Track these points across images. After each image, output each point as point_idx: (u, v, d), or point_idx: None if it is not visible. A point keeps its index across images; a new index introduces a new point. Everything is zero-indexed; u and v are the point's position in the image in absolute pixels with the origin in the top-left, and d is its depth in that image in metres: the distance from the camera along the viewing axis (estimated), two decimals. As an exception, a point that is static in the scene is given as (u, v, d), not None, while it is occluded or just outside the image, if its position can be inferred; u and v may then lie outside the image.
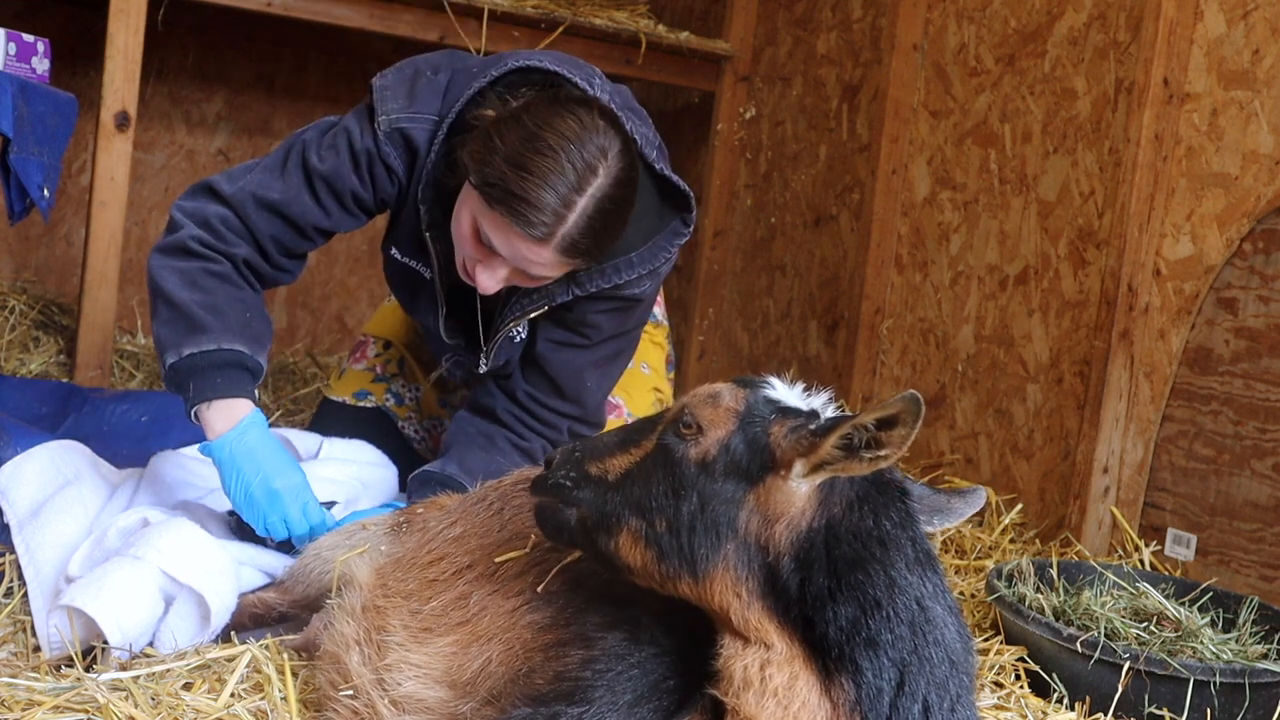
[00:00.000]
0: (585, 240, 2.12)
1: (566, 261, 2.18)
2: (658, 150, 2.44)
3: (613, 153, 2.11)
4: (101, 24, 3.53)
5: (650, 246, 2.41)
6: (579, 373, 2.53)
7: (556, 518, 1.58)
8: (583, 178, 2.08)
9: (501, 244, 2.15)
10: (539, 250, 2.12)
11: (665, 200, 2.45)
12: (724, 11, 4.61)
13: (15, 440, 2.57)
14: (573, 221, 2.09)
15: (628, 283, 2.42)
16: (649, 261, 2.41)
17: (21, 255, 4.42)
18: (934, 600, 1.43)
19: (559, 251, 2.13)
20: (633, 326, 2.56)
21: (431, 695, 1.65)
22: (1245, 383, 2.88)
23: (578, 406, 2.55)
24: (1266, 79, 2.87)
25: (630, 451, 1.56)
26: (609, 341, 2.54)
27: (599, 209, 2.11)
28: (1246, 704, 2.22)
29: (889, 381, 3.89)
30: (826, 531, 1.42)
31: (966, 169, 3.64)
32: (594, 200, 2.09)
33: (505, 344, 2.52)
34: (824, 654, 1.39)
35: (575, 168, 2.07)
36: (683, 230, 2.45)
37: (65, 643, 1.95)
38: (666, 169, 2.43)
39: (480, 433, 2.53)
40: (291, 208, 2.35)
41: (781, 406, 1.49)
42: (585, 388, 2.54)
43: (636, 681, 1.48)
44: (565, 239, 2.11)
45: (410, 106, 2.34)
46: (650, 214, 2.40)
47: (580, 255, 2.16)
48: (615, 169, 2.11)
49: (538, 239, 2.10)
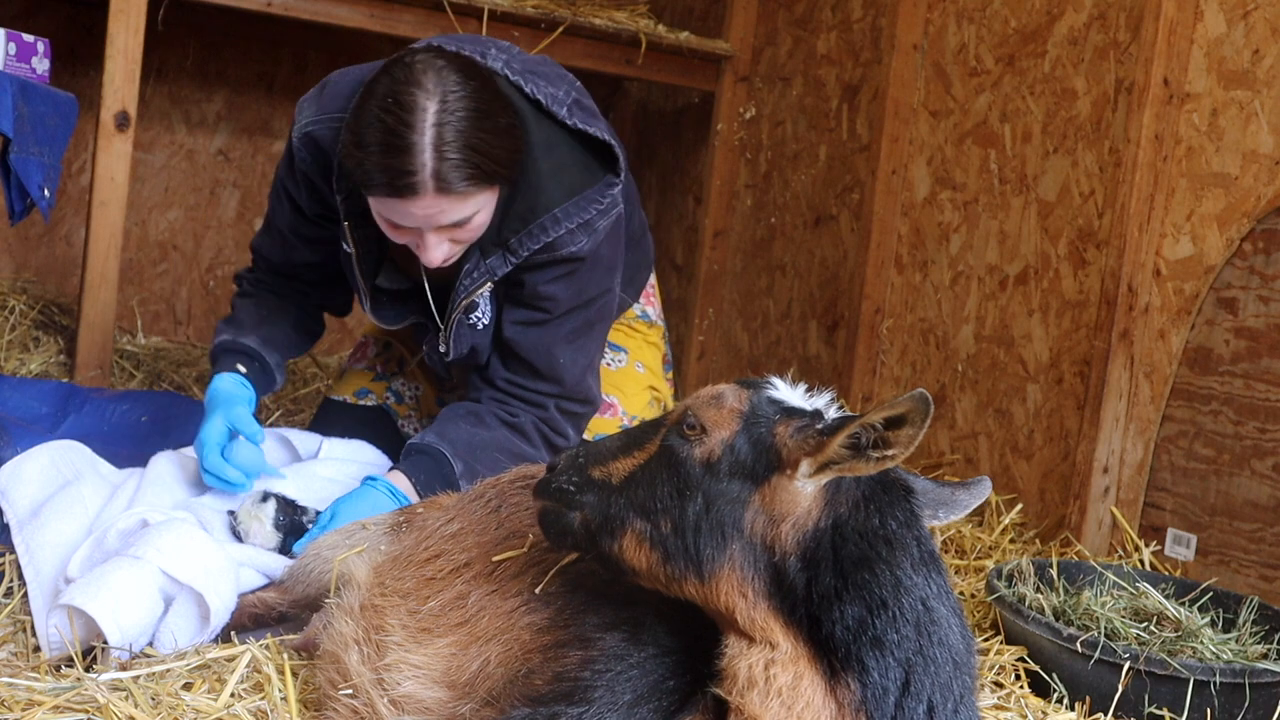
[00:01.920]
0: (457, 168, 2.15)
1: (463, 195, 2.20)
2: (570, 107, 2.46)
3: (432, 81, 2.15)
4: (101, 24, 3.53)
5: (577, 200, 2.42)
6: (549, 350, 2.54)
7: (560, 522, 1.58)
8: (412, 121, 2.13)
9: (403, 217, 2.21)
10: (426, 202, 2.17)
11: (592, 156, 2.48)
12: (724, 11, 4.61)
13: (15, 440, 2.57)
14: (431, 159, 2.13)
15: (559, 239, 2.42)
16: (577, 215, 2.42)
17: (21, 255, 4.42)
18: (938, 601, 1.43)
19: (440, 193, 2.16)
20: (594, 295, 2.55)
21: (430, 696, 1.65)
22: (1245, 383, 2.88)
23: (557, 384, 2.56)
24: (1266, 79, 2.87)
25: (634, 454, 1.56)
26: (572, 314, 2.53)
27: (447, 135, 2.14)
28: (1246, 704, 2.22)
29: (889, 381, 3.89)
30: (833, 531, 1.42)
31: (966, 169, 3.64)
32: (435, 130, 2.13)
33: (466, 330, 2.54)
34: (829, 653, 1.39)
35: (400, 117, 2.13)
36: (614, 181, 2.48)
37: (65, 643, 1.95)
38: (585, 124, 2.45)
39: (469, 412, 2.55)
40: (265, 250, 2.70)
41: (785, 407, 1.49)
42: (559, 364, 2.55)
43: (636, 682, 1.48)
44: (436, 178, 2.14)
45: (317, 112, 2.47)
46: (572, 169, 2.43)
47: (468, 180, 2.18)
48: (443, 93, 2.15)
49: (416, 194, 2.16)
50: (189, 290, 4.68)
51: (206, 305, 4.71)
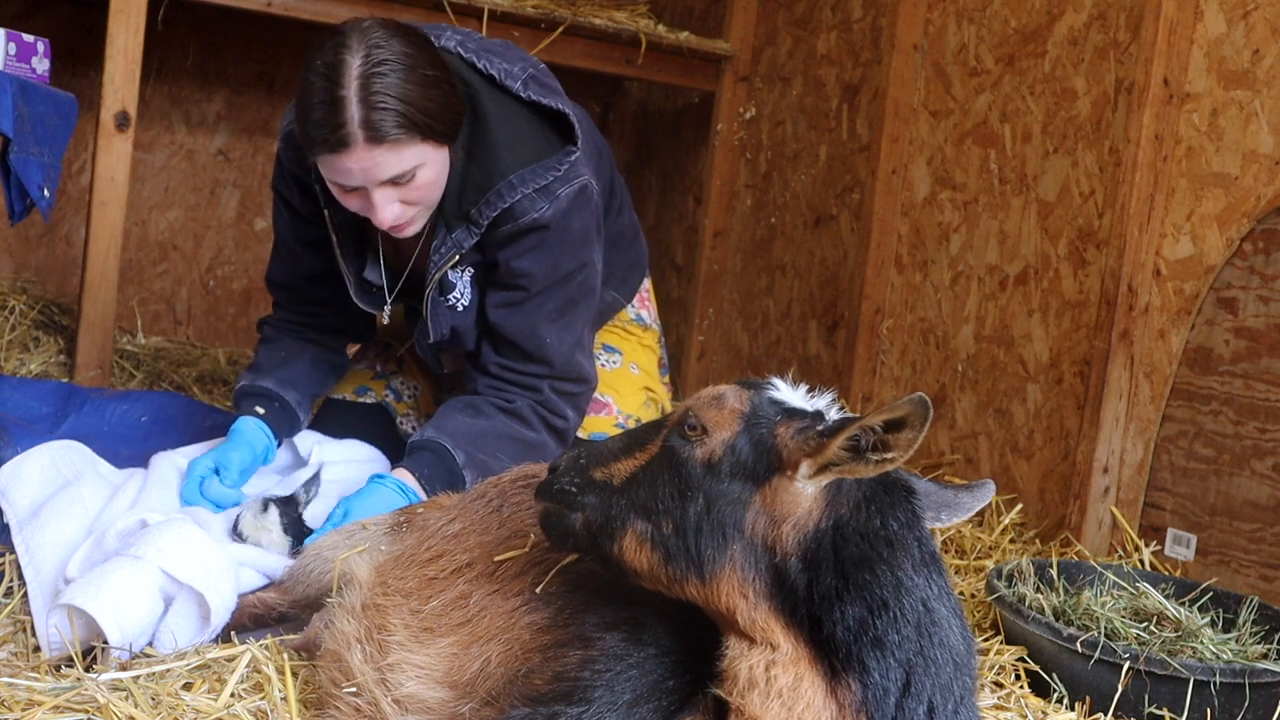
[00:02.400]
0: (385, 116, 2.20)
1: (392, 143, 2.23)
2: (526, 81, 2.52)
3: (355, 39, 2.22)
4: (101, 24, 3.53)
5: (534, 167, 2.46)
6: (534, 330, 2.55)
7: (561, 524, 1.58)
8: (337, 76, 2.19)
9: (343, 175, 2.26)
10: (359, 154, 2.21)
11: (552, 128, 2.53)
12: (724, 11, 4.61)
13: (15, 440, 2.57)
14: (357, 110, 2.18)
15: (517, 205, 2.44)
16: (533, 180, 2.45)
17: (21, 255, 4.42)
18: (939, 601, 1.43)
19: (372, 143, 2.21)
20: (570, 270, 2.56)
21: (432, 696, 1.65)
22: (1245, 383, 2.88)
23: (546, 365, 2.58)
24: (1266, 79, 2.87)
25: (635, 456, 1.56)
26: (551, 291, 2.54)
27: (372, 86, 2.19)
28: (1246, 704, 2.22)
29: (889, 381, 3.89)
30: (834, 532, 1.42)
31: (966, 169, 3.64)
32: (359, 82, 2.19)
33: (444, 311, 2.56)
34: (830, 654, 1.39)
35: (326, 75, 2.20)
36: (572, 150, 2.51)
37: (65, 643, 1.95)
38: (540, 96, 2.50)
39: (467, 404, 2.57)
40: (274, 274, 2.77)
41: (786, 407, 1.49)
42: (546, 344, 2.56)
43: (636, 682, 1.48)
44: (366, 126, 2.19)
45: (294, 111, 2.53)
46: (528, 139, 2.48)
47: (398, 129, 2.22)
48: (367, 49, 2.21)
49: (348, 146, 2.20)
50: (189, 290, 4.68)
51: (206, 305, 4.71)
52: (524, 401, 2.55)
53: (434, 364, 2.80)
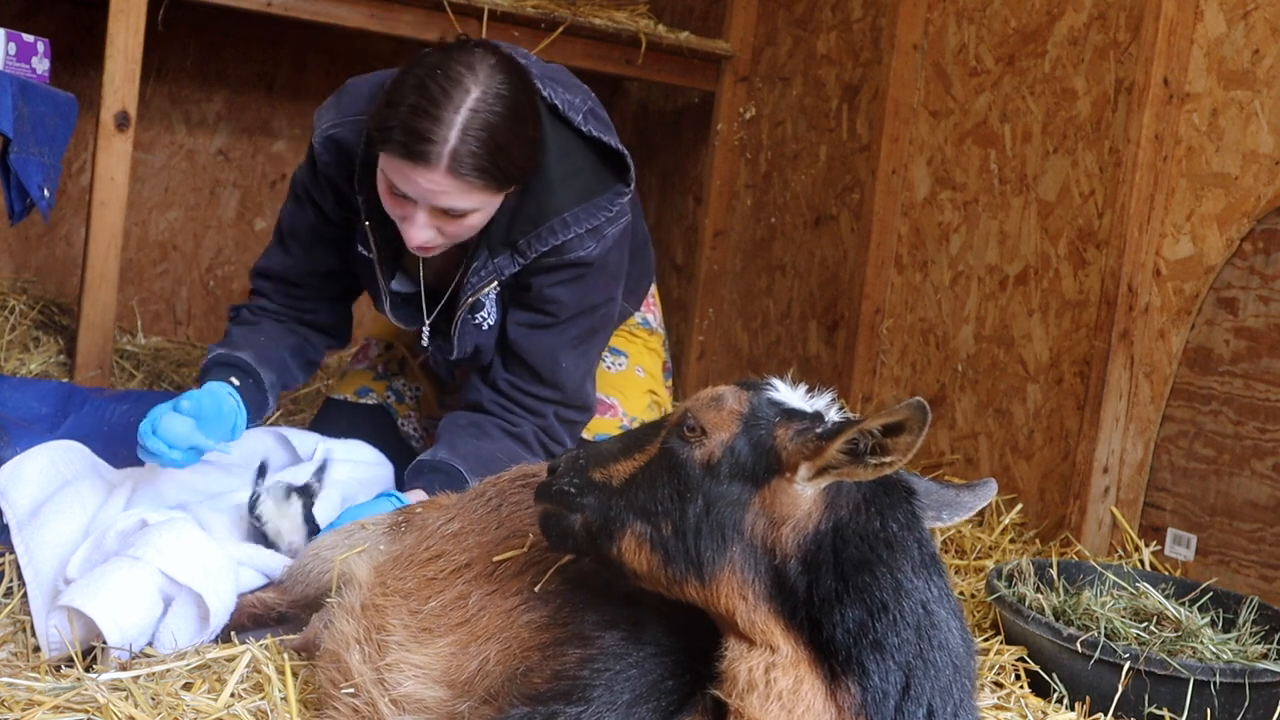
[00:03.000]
0: (476, 156, 2.18)
1: (468, 183, 2.21)
2: (586, 115, 2.49)
3: (483, 71, 2.19)
4: (101, 24, 3.52)
5: (587, 206, 2.44)
6: (552, 354, 2.55)
7: (561, 525, 1.58)
8: (454, 97, 2.16)
9: (405, 184, 2.22)
10: (433, 175, 2.18)
11: (605, 165, 2.50)
12: (724, 11, 4.61)
13: (15, 440, 2.57)
14: (456, 138, 2.16)
15: (568, 243, 2.43)
16: (586, 220, 2.44)
17: (21, 255, 4.42)
18: (939, 604, 1.43)
19: (451, 173, 2.18)
20: (598, 302, 2.56)
21: (431, 695, 1.65)
22: (1245, 383, 2.88)
23: (557, 390, 2.57)
24: (1266, 79, 2.87)
25: (634, 457, 1.55)
26: (577, 319, 2.54)
27: (481, 123, 2.17)
28: (1246, 704, 2.22)
29: (889, 381, 3.89)
30: (834, 534, 1.41)
31: (966, 169, 3.64)
32: (471, 113, 2.17)
33: (471, 329, 2.55)
34: (830, 657, 1.38)
35: (445, 89, 2.16)
36: (624, 190, 2.50)
37: (65, 643, 1.95)
38: (600, 133, 2.48)
39: (470, 423, 2.55)
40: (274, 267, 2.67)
41: (786, 409, 1.49)
42: (561, 369, 2.56)
43: (635, 681, 1.47)
44: (454, 157, 2.17)
45: (337, 115, 2.50)
46: (584, 175, 2.46)
47: (478, 172, 2.20)
48: (490, 84, 2.18)
49: (427, 164, 2.17)
50: (189, 290, 4.68)
51: (206, 305, 4.71)
52: (528, 426, 2.55)
53: (446, 375, 2.80)
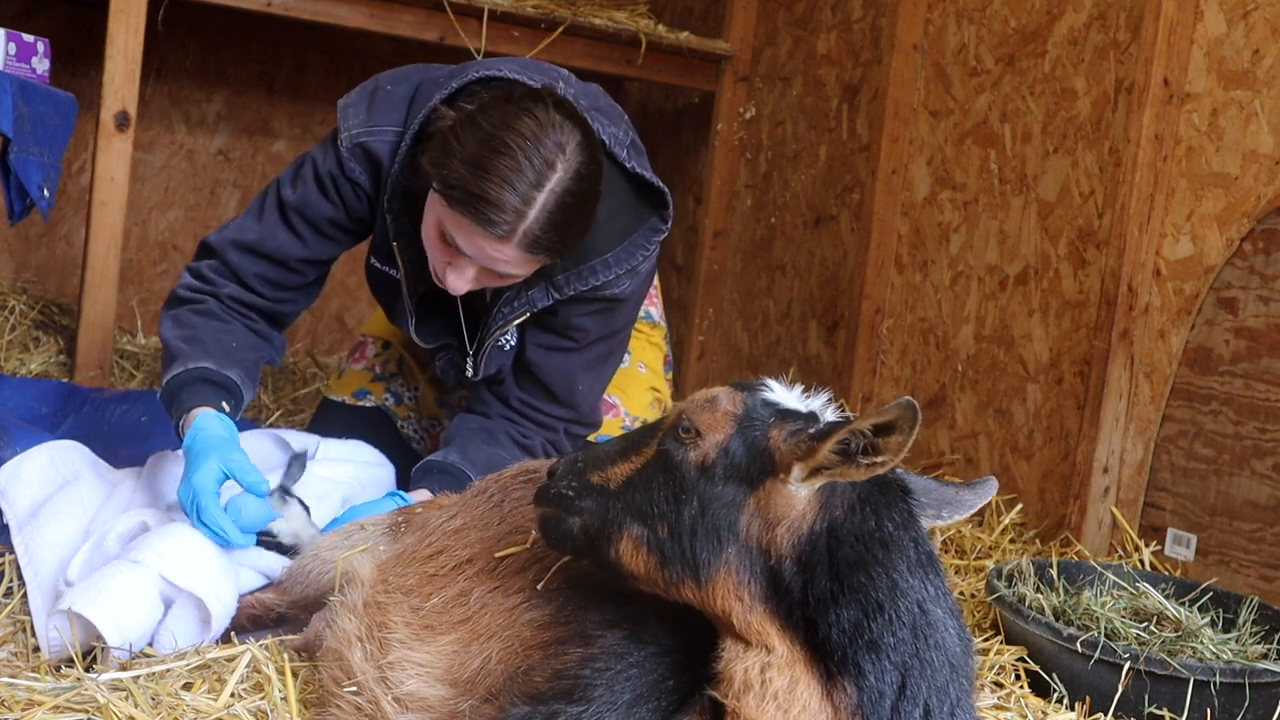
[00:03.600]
0: (548, 236, 2.14)
1: (531, 258, 2.19)
2: (629, 149, 2.46)
3: (571, 147, 2.13)
4: (101, 24, 3.53)
5: (627, 245, 2.43)
6: (570, 376, 2.54)
7: (560, 528, 1.58)
8: (541, 174, 2.10)
9: (466, 244, 2.17)
10: (502, 249, 2.14)
11: (642, 199, 2.47)
12: (724, 11, 4.61)
13: (15, 440, 2.57)
14: (534, 218, 2.11)
15: (606, 284, 2.43)
16: (626, 261, 2.43)
17: (21, 255, 4.42)
18: (935, 603, 1.43)
19: (522, 249, 2.15)
20: (620, 327, 2.57)
21: (433, 694, 1.65)
22: (1245, 383, 2.88)
23: (571, 410, 2.57)
24: (1266, 79, 2.87)
25: (631, 459, 1.56)
26: (598, 343, 2.55)
27: (559, 204, 2.12)
28: (1246, 704, 2.22)
29: (889, 381, 3.89)
30: (828, 534, 1.42)
31: (966, 169, 3.64)
32: (554, 195, 2.11)
33: (495, 353, 2.54)
34: (826, 657, 1.39)
35: (533, 164, 2.09)
36: (661, 227, 2.47)
37: (65, 643, 1.95)
38: (641, 168, 2.45)
39: (481, 428, 2.54)
40: (267, 245, 2.44)
41: (780, 409, 1.49)
42: (578, 391, 2.56)
43: (636, 681, 1.47)
44: (528, 235, 2.12)
45: (370, 121, 2.39)
46: (625, 212, 2.43)
47: (545, 251, 2.18)
48: (575, 163, 2.13)
49: (500, 237, 2.12)
50: (189, 290, 4.67)
51: (206, 305, 4.71)
52: (539, 440, 2.56)
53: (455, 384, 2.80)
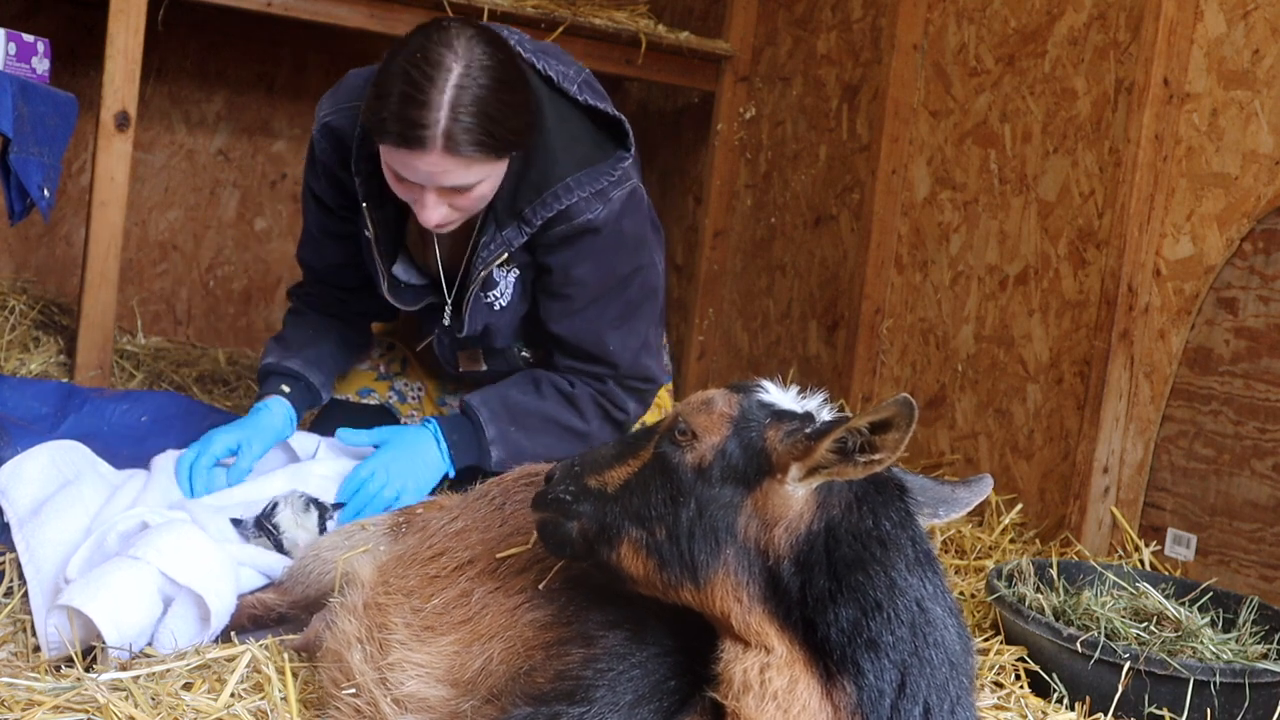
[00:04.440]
0: (470, 131, 2.20)
1: (465, 159, 2.23)
2: (581, 85, 2.53)
3: (462, 45, 2.21)
4: (101, 24, 3.53)
5: (589, 171, 2.47)
6: (597, 337, 2.58)
7: (558, 532, 1.58)
8: (433, 77, 2.18)
9: (409, 171, 2.25)
10: (432, 159, 2.21)
11: (602, 133, 2.55)
12: (724, 11, 4.61)
13: (15, 440, 2.57)
14: (445, 117, 2.18)
15: (573, 207, 2.45)
16: (589, 184, 2.46)
17: (21, 255, 4.42)
18: (934, 601, 1.43)
19: (448, 153, 2.21)
20: (626, 274, 2.57)
21: (433, 694, 1.65)
22: (1245, 383, 2.88)
23: (612, 368, 2.62)
24: (1266, 79, 2.87)
25: (628, 462, 1.56)
26: (610, 296, 2.56)
27: (466, 99, 2.19)
28: (1246, 704, 2.22)
29: (889, 381, 3.89)
30: (826, 534, 1.42)
31: (966, 169, 3.64)
32: (456, 90, 2.18)
33: (482, 308, 2.58)
34: (825, 657, 1.39)
35: (424, 72, 2.18)
36: (625, 155, 2.54)
37: (65, 643, 1.95)
38: (595, 100, 2.53)
39: (530, 377, 2.63)
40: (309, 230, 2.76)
41: (776, 410, 1.49)
42: (610, 350, 2.60)
43: (638, 681, 1.47)
44: (448, 136, 2.19)
45: (334, 104, 2.58)
46: (581, 142, 2.49)
47: (475, 146, 2.22)
48: (471, 57, 2.21)
49: (424, 148, 2.20)
50: (189, 290, 4.68)
51: (206, 305, 4.71)
52: (585, 389, 2.60)
53: (449, 362, 2.80)
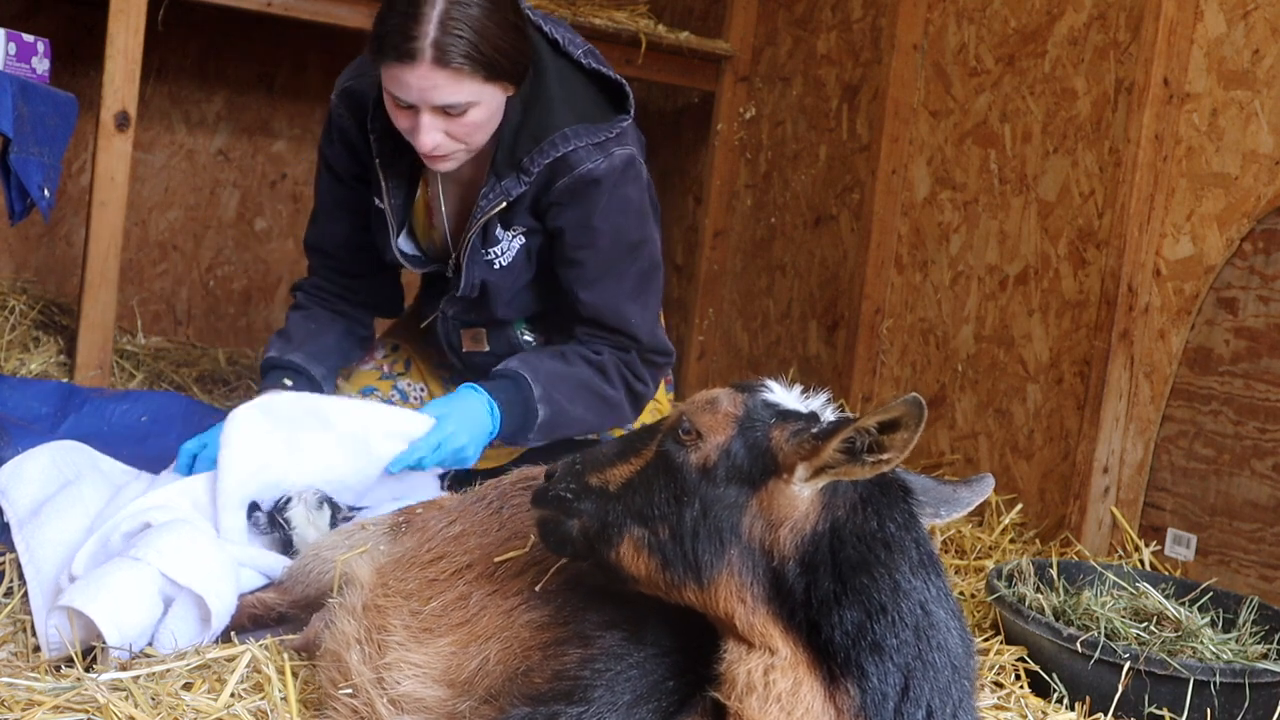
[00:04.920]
0: (457, 44, 2.26)
1: (454, 71, 2.28)
2: (586, 51, 2.59)
3: None
4: (101, 24, 3.52)
5: (587, 125, 2.51)
6: (618, 309, 2.61)
7: (558, 531, 1.57)
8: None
9: (403, 90, 2.30)
10: (421, 71, 2.26)
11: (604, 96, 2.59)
12: (724, 11, 4.61)
13: (15, 440, 2.57)
14: (435, 30, 2.25)
15: (571, 155, 2.48)
16: (588, 135, 2.49)
17: (21, 255, 4.42)
18: (937, 604, 1.42)
19: (437, 64, 2.26)
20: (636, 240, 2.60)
21: (430, 694, 1.65)
22: (1245, 383, 2.88)
23: (633, 340, 2.64)
24: (1266, 79, 2.87)
25: (630, 461, 1.55)
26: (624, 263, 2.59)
27: (456, 13, 2.26)
28: (1246, 704, 2.22)
29: (889, 381, 3.89)
30: (831, 535, 1.41)
31: (966, 169, 3.64)
32: (446, 4, 2.26)
33: (481, 264, 2.59)
34: (829, 659, 1.38)
35: None
36: (625, 117, 2.57)
37: (65, 643, 1.95)
38: (599, 64, 2.58)
39: (554, 350, 2.65)
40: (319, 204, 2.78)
41: (781, 410, 1.49)
42: (631, 323, 2.62)
43: (636, 681, 1.47)
44: (436, 48, 2.25)
45: (354, 72, 2.65)
46: (581, 99, 2.54)
47: (464, 59, 2.27)
48: None
49: (414, 60, 2.26)
50: (189, 290, 4.68)
51: (206, 305, 4.71)
52: (610, 357, 2.62)
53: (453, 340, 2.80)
